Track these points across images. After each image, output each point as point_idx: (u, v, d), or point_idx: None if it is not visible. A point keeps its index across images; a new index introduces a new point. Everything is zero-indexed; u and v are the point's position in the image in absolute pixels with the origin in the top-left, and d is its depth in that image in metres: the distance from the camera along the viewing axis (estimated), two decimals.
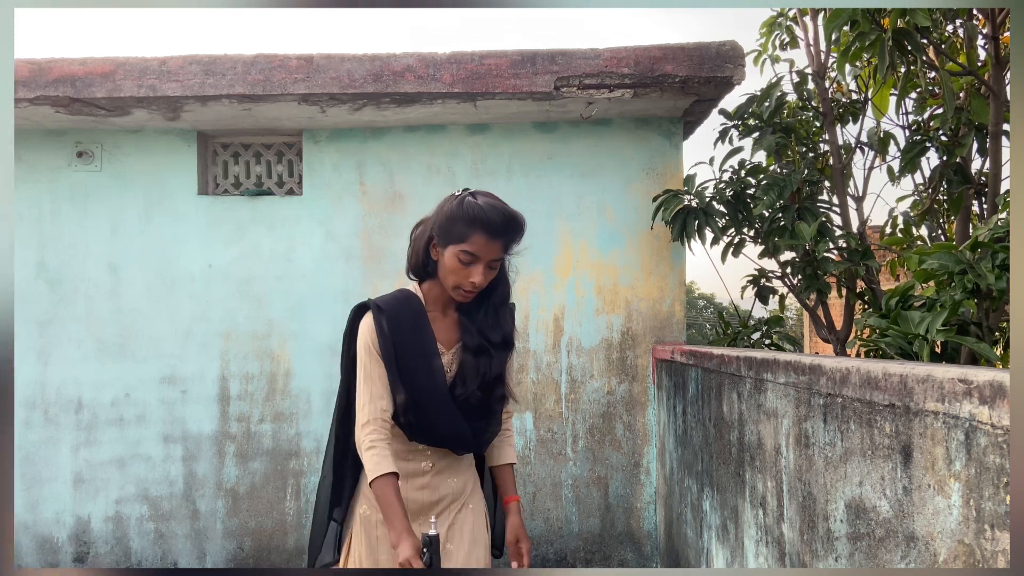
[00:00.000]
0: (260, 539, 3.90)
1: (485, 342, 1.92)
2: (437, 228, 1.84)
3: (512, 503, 2.05)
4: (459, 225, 1.79)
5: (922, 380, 1.21)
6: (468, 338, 1.93)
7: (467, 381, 1.91)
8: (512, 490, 2.08)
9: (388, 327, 1.85)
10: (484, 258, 1.80)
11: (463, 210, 1.79)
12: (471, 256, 1.79)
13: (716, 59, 3.39)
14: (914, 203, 4.25)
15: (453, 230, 1.80)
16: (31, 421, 3.89)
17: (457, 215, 1.79)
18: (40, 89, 3.46)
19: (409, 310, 1.90)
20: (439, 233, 1.83)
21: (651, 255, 3.92)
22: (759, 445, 2.05)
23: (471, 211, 1.78)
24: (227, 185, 4.10)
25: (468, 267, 1.80)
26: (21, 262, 3.90)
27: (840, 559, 1.54)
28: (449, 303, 1.95)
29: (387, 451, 1.78)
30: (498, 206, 1.81)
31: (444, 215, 1.83)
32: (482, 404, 1.94)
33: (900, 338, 2.32)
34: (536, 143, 3.95)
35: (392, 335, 1.85)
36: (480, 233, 1.77)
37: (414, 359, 1.86)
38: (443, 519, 1.97)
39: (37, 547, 3.90)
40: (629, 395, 3.89)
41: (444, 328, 1.95)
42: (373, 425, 1.80)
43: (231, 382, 3.92)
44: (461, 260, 1.80)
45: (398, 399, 1.85)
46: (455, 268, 1.81)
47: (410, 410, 1.86)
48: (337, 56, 3.47)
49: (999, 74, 3.18)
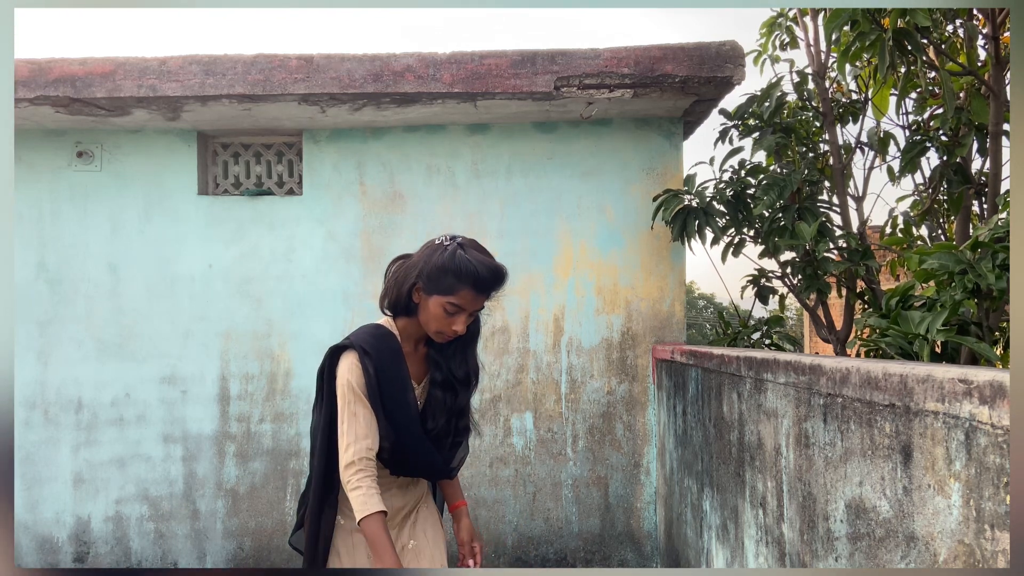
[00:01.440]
0: (260, 539, 3.90)
1: (451, 378, 1.99)
2: (424, 277, 1.84)
3: (462, 506, 2.18)
4: (448, 278, 1.81)
5: (922, 380, 1.21)
6: (437, 373, 1.99)
7: (436, 415, 1.97)
8: (460, 496, 2.21)
9: (374, 369, 1.87)
10: (468, 309, 1.85)
11: (455, 264, 1.80)
12: (457, 308, 1.83)
13: (716, 59, 3.39)
14: (914, 203, 4.25)
15: (442, 282, 1.81)
16: (31, 421, 3.89)
17: (448, 268, 1.80)
18: (40, 89, 3.46)
19: (389, 350, 1.92)
20: (426, 282, 1.84)
21: (651, 255, 3.92)
22: (759, 445, 2.05)
23: (462, 267, 1.80)
24: (227, 185, 4.10)
25: (452, 316, 1.84)
26: (21, 262, 3.90)
27: (840, 559, 1.54)
28: (421, 339, 1.99)
29: (374, 489, 1.82)
30: (487, 263, 1.84)
31: (433, 266, 1.83)
32: (446, 435, 2.02)
33: (900, 338, 2.32)
34: (536, 143, 3.95)
35: (377, 375, 1.88)
36: (469, 289, 1.80)
37: (395, 397, 1.91)
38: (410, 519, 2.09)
39: (37, 547, 3.90)
40: (629, 395, 3.89)
41: (415, 363, 2.00)
42: (359, 465, 1.82)
43: (231, 382, 3.92)
44: (447, 310, 1.83)
45: (385, 440, 1.89)
46: (439, 316, 1.84)
47: (395, 448, 1.92)
48: (337, 56, 3.47)
49: (999, 74, 3.18)
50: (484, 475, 3.86)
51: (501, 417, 3.90)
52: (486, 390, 3.89)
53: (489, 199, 3.93)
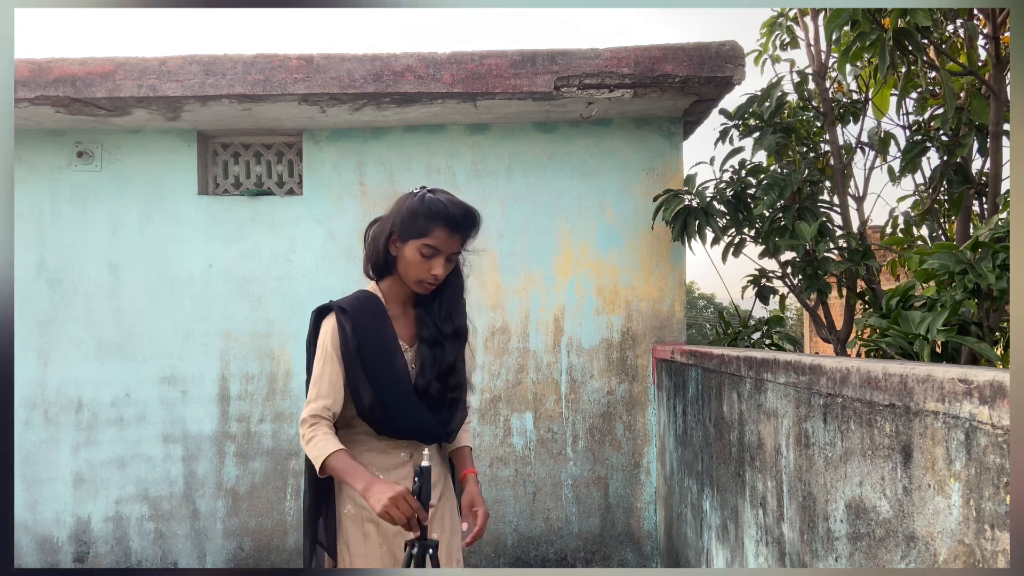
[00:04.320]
0: (260, 539, 3.90)
1: (438, 334, 2.00)
2: (398, 224, 1.90)
3: (470, 475, 2.12)
4: (421, 220, 1.86)
5: (922, 380, 1.21)
6: (424, 331, 2.00)
7: (425, 372, 1.97)
8: (469, 465, 2.14)
9: (351, 328, 1.90)
10: (444, 251, 1.89)
11: (425, 206, 1.86)
12: (432, 250, 1.87)
13: (716, 59, 3.39)
14: (914, 203, 4.25)
15: (415, 225, 1.87)
16: (31, 421, 3.89)
17: (419, 211, 1.87)
18: (40, 89, 3.46)
19: (371, 310, 1.96)
20: (400, 229, 1.89)
21: (651, 255, 3.92)
22: (759, 445, 2.05)
23: (433, 207, 1.86)
24: (227, 185, 4.10)
25: (429, 260, 1.88)
26: (21, 262, 3.90)
27: (840, 559, 1.54)
28: (408, 299, 2.02)
29: (330, 433, 1.83)
30: (457, 202, 1.90)
31: (405, 211, 1.89)
32: (441, 394, 1.99)
33: (901, 338, 2.32)
34: (536, 143, 3.95)
35: (356, 336, 1.89)
36: (441, 228, 1.86)
37: (378, 358, 1.91)
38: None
39: (37, 547, 3.90)
40: (629, 395, 3.89)
41: (405, 325, 2.01)
42: (311, 421, 1.85)
43: (231, 382, 3.92)
44: (423, 254, 1.87)
45: (365, 399, 1.89)
46: (417, 262, 1.88)
47: (376, 408, 1.90)
48: (337, 56, 3.47)
49: (999, 74, 3.18)
50: (484, 475, 3.86)
51: (501, 417, 3.90)
52: (486, 390, 3.89)
53: (489, 199, 3.93)
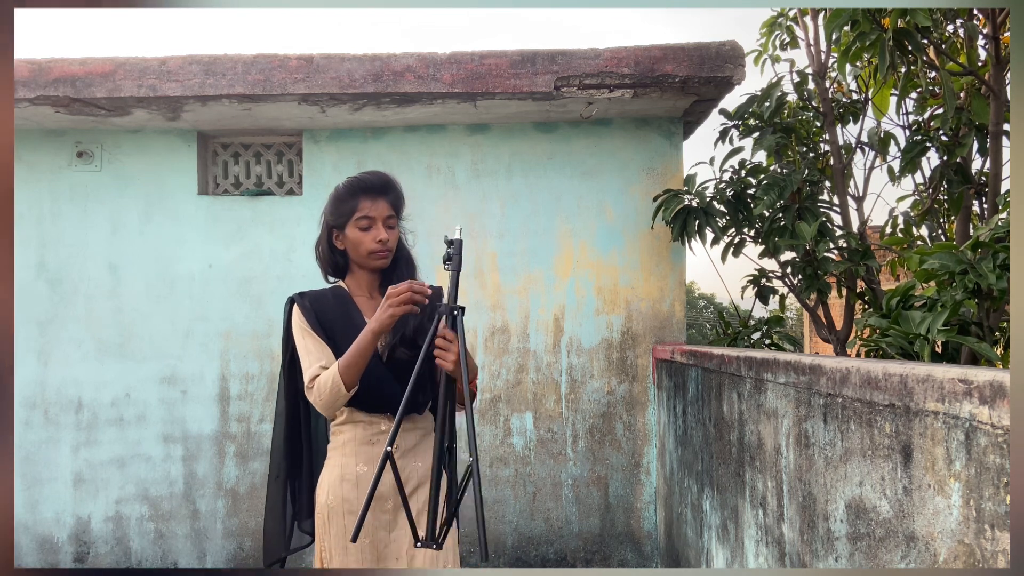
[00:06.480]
0: (260, 539, 3.88)
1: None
2: (332, 218, 2.03)
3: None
4: (345, 201, 2.00)
5: (922, 380, 1.21)
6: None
7: (390, 337, 2.02)
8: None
9: (311, 303, 2.02)
10: (379, 217, 1.99)
11: (343, 188, 2.01)
12: (368, 219, 1.98)
13: (716, 59, 3.39)
14: (914, 203, 4.25)
15: (343, 207, 2.00)
16: (31, 421, 3.89)
17: (341, 194, 2.01)
18: (40, 89, 3.46)
19: (334, 295, 2.07)
20: (335, 220, 2.02)
21: (651, 255, 3.92)
22: (759, 445, 2.05)
23: (350, 184, 2.00)
24: (227, 185, 4.10)
25: (369, 231, 1.99)
26: (21, 262, 3.90)
27: (840, 559, 1.54)
28: (373, 285, 2.09)
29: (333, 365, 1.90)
30: (370, 172, 2.05)
31: (331, 204, 2.04)
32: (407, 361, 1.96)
33: (901, 338, 2.32)
34: (536, 143, 3.95)
35: (320, 316, 2.00)
36: (363, 197, 1.98)
37: (345, 334, 1.96)
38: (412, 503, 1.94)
39: (37, 547, 3.90)
40: (629, 395, 3.89)
41: (372, 308, 2.04)
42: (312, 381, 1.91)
43: (231, 382, 3.92)
44: (360, 227, 1.99)
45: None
46: (360, 238, 1.99)
47: None
48: (337, 56, 3.47)
49: (999, 74, 3.18)
50: (484, 475, 3.86)
51: (501, 417, 3.90)
52: (486, 390, 3.89)
53: (489, 199, 3.93)
